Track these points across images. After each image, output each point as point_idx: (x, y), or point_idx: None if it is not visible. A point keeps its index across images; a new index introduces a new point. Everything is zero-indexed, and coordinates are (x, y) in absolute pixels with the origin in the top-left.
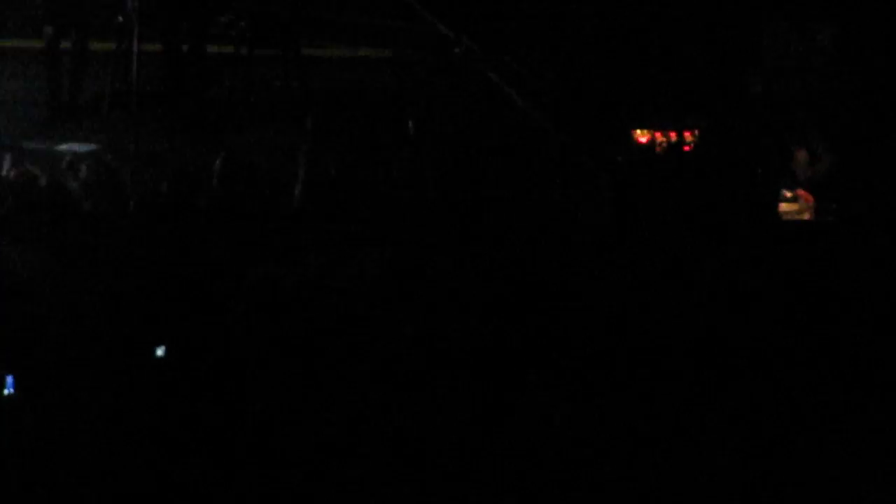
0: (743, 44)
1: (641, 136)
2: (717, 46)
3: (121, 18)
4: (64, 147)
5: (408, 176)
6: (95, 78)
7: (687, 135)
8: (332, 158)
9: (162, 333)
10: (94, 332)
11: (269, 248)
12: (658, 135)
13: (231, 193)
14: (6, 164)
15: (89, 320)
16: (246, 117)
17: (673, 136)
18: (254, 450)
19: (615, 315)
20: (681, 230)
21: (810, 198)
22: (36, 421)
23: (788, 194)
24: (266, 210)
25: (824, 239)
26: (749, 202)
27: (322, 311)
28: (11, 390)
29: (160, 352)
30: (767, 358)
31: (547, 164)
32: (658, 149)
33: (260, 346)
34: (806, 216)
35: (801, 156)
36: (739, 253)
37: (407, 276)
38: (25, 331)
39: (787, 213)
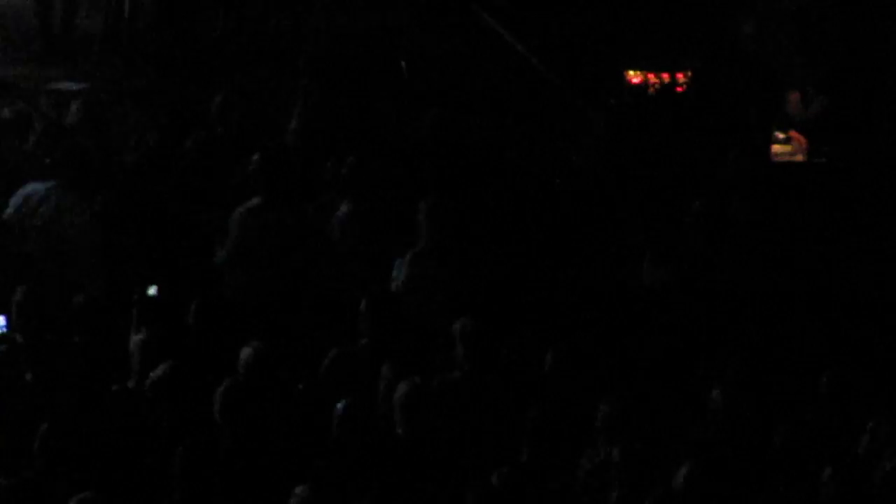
0: None
1: (634, 78)
2: None
3: None
4: (56, 85)
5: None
6: (87, 16)
7: (680, 76)
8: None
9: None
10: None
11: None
12: (651, 76)
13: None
14: None
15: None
16: (239, 56)
17: (666, 77)
18: None
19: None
20: (673, 172)
21: (803, 139)
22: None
23: (781, 136)
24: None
25: (817, 180)
26: (742, 144)
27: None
28: (4, 329)
29: (152, 290)
30: (758, 297)
31: (540, 105)
32: (651, 90)
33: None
34: (799, 158)
35: (794, 98)
36: (731, 194)
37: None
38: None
39: (779, 154)
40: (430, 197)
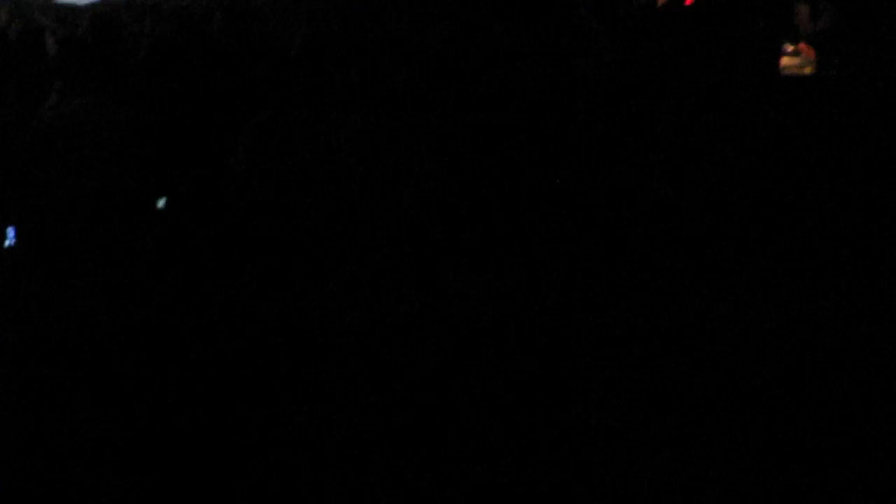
0: None
1: None
2: None
3: None
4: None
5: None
6: None
7: None
8: None
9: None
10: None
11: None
12: None
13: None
14: (4, 16)
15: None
16: None
17: None
18: None
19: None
20: (681, 84)
21: (812, 52)
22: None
23: (790, 48)
24: None
25: (826, 94)
26: (750, 56)
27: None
28: (13, 241)
29: (161, 203)
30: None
31: (545, 17)
32: (659, 2)
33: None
34: (807, 70)
35: (804, 10)
36: (739, 110)
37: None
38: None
39: (788, 67)
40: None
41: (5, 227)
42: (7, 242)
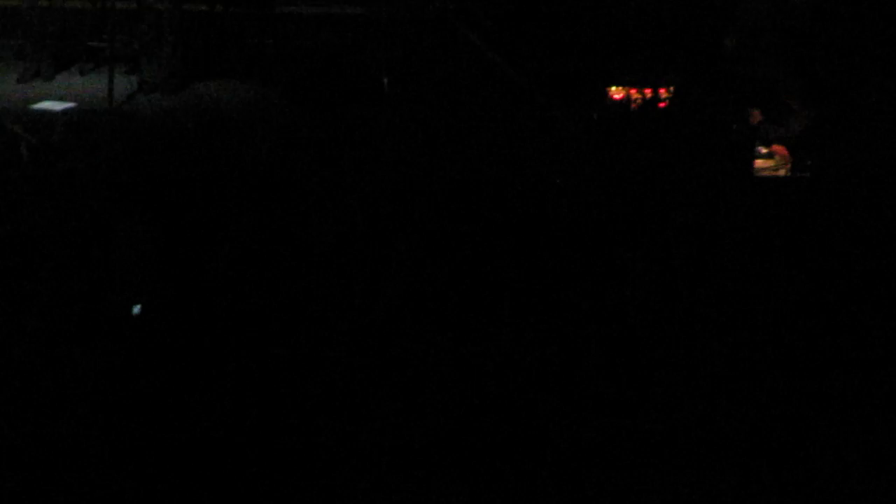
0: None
1: (616, 93)
2: (693, 2)
3: None
4: (40, 106)
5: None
6: (71, 35)
7: (662, 91)
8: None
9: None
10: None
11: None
12: (633, 91)
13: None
14: None
15: None
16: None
17: (648, 92)
18: None
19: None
20: (656, 186)
21: (786, 153)
22: None
23: (764, 150)
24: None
25: (800, 194)
26: (725, 158)
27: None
28: None
29: (136, 310)
30: (742, 309)
31: (522, 120)
32: (633, 105)
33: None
34: (782, 172)
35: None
36: (715, 207)
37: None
38: None
39: (762, 168)
40: None
41: None
42: None
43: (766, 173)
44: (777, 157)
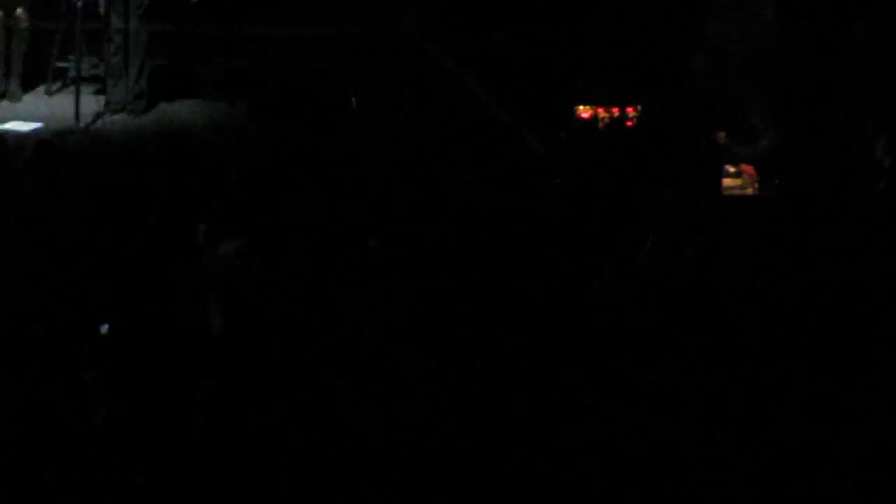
0: (686, 20)
1: (584, 112)
2: (661, 22)
3: None
4: (7, 126)
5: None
6: (40, 56)
7: (630, 110)
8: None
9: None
10: None
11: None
12: (601, 111)
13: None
14: None
15: None
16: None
17: (616, 111)
18: None
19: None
20: (624, 205)
21: (754, 172)
22: None
23: (732, 169)
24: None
25: (767, 213)
26: (693, 177)
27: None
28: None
29: (104, 329)
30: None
31: (488, 140)
32: (601, 125)
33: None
34: (749, 191)
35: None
36: (683, 227)
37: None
38: None
39: (730, 188)
40: None
41: None
42: None
43: (734, 192)
44: (745, 176)
